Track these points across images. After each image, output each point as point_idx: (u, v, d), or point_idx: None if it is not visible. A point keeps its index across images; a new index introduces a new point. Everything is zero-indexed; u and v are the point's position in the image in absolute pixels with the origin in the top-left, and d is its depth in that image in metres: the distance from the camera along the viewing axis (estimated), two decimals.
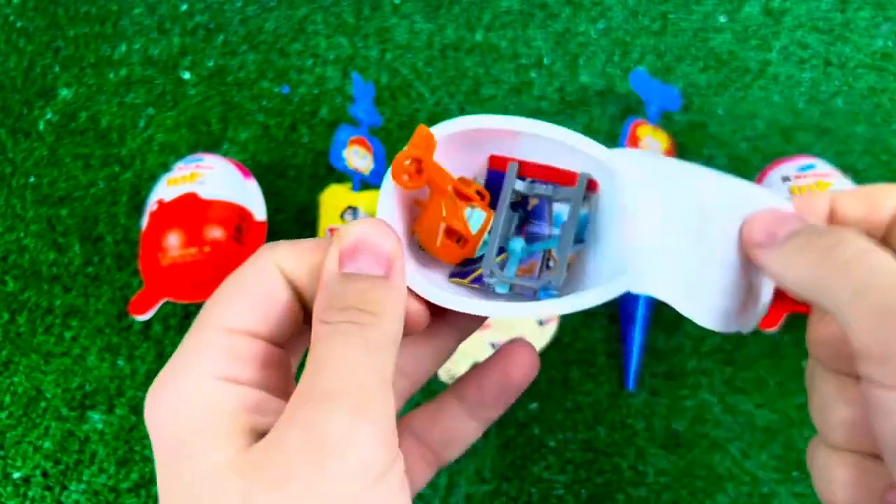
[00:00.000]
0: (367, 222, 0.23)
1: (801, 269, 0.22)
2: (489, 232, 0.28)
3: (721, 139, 0.58)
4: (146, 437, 0.50)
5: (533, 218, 0.30)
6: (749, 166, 0.56)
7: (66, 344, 0.54)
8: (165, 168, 0.60)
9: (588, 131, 0.59)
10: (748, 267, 0.24)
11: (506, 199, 0.28)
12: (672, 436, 0.47)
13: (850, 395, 0.22)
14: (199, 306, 0.53)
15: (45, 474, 0.49)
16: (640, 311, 0.51)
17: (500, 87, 0.61)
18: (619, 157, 0.27)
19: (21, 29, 0.68)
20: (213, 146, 0.61)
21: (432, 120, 0.61)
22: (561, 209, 0.29)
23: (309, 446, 0.18)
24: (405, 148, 0.26)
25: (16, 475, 0.49)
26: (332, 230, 0.52)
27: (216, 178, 0.52)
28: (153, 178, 0.59)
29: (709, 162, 0.57)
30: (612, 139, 0.58)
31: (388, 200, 0.27)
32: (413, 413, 0.28)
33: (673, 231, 0.26)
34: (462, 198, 0.28)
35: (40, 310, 0.55)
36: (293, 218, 0.57)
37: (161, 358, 0.52)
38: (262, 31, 0.66)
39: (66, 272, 0.56)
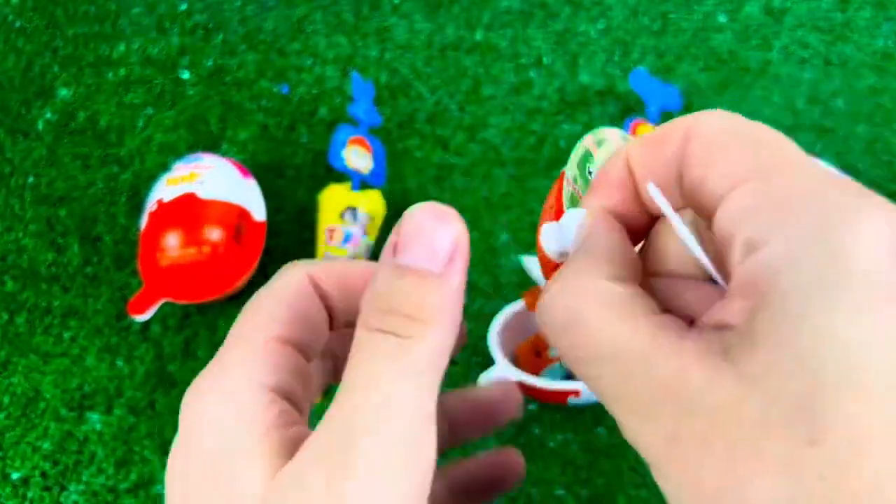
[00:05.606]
0: (427, 207, 0.18)
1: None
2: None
3: None
4: (145, 437, 0.50)
5: None
6: None
7: (64, 344, 0.54)
8: (164, 168, 0.60)
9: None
10: None
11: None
12: None
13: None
14: (198, 307, 0.53)
15: (43, 475, 0.49)
16: None
17: (499, 87, 0.61)
18: None
19: (20, 29, 0.68)
20: (212, 146, 0.60)
21: (432, 119, 0.61)
22: None
23: (332, 498, 0.17)
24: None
25: (14, 476, 0.49)
26: (330, 230, 0.52)
27: (215, 178, 0.52)
28: (152, 178, 0.59)
29: None
30: None
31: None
32: None
33: None
34: None
35: (39, 310, 0.55)
36: (293, 218, 0.57)
37: (160, 359, 0.52)
38: (262, 30, 0.66)
39: (64, 272, 0.56)
